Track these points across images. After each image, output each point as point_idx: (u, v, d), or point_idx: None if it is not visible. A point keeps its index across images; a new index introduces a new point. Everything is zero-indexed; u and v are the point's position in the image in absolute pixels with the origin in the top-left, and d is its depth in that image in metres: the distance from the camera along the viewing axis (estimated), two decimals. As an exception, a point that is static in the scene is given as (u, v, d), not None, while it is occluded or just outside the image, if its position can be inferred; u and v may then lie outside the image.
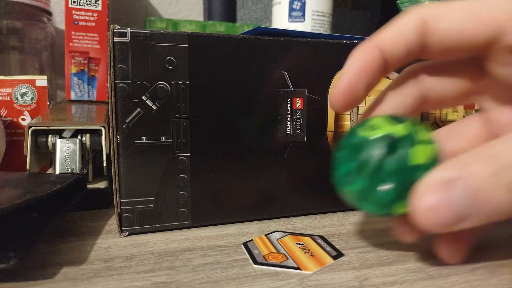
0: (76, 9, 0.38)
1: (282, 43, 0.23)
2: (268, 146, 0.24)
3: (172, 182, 0.22)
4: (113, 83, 0.21)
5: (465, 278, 0.18)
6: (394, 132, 0.17)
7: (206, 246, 0.21)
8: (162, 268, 0.18)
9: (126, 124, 0.21)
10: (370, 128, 0.17)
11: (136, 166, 0.22)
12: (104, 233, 0.22)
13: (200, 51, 0.22)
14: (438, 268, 0.19)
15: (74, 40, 0.38)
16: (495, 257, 0.20)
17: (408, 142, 0.16)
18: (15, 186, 0.20)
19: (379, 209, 0.17)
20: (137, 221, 0.22)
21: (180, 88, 0.22)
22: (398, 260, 0.19)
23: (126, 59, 0.21)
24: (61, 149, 0.26)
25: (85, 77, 0.39)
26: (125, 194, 0.22)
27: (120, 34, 0.20)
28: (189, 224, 0.23)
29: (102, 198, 0.26)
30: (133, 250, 0.20)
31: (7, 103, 0.31)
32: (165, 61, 0.21)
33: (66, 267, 0.18)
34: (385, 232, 0.23)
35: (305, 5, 0.41)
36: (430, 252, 0.20)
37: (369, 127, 0.17)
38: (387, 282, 0.17)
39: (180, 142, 0.22)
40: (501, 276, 0.18)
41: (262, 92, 0.23)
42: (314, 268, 0.18)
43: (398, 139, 0.16)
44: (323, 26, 0.42)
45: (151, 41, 0.21)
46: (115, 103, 0.21)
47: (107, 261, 0.19)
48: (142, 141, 0.21)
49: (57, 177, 0.23)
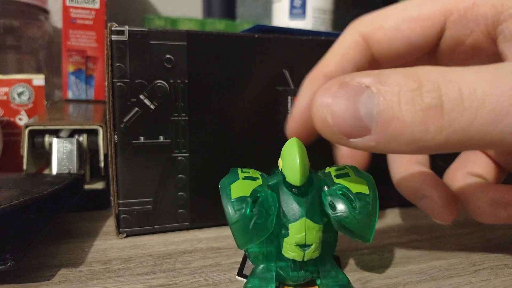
0: (73, 7, 0.38)
1: (282, 41, 0.23)
2: (268, 146, 0.23)
3: (170, 182, 0.22)
4: (111, 82, 0.20)
5: (468, 280, 0.18)
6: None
7: (205, 248, 0.21)
8: (160, 270, 0.18)
9: (124, 123, 0.21)
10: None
11: (134, 167, 0.21)
12: (101, 234, 0.22)
13: (199, 49, 0.21)
14: (440, 270, 0.18)
15: (72, 39, 0.38)
16: (498, 259, 0.20)
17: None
18: (11, 187, 0.20)
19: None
20: (135, 222, 0.22)
21: (179, 87, 0.21)
22: (400, 262, 0.19)
23: (124, 58, 0.20)
24: (58, 149, 0.25)
25: (83, 76, 0.39)
26: (123, 195, 0.21)
27: (118, 32, 0.20)
28: (188, 225, 0.23)
29: (100, 199, 0.26)
30: (131, 252, 0.20)
31: (4, 102, 0.31)
32: (164, 60, 0.21)
33: (64, 269, 0.18)
34: (387, 234, 0.23)
35: (306, 3, 0.40)
36: (433, 253, 0.20)
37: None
38: (390, 284, 0.17)
39: (179, 142, 0.22)
40: (504, 278, 0.18)
41: (262, 91, 0.23)
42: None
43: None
44: (324, 24, 0.42)
45: (150, 39, 0.20)
46: (113, 102, 0.20)
47: (105, 263, 0.19)
48: (140, 141, 0.21)
49: (54, 178, 0.23)
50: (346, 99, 0.13)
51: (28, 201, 0.18)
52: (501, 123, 0.12)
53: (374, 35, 0.18)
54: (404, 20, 0.17)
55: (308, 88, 0.18)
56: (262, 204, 0.15)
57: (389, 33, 0.17)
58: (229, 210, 0.15)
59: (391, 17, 0.17)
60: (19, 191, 0.19)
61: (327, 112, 0.13)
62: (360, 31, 0.18)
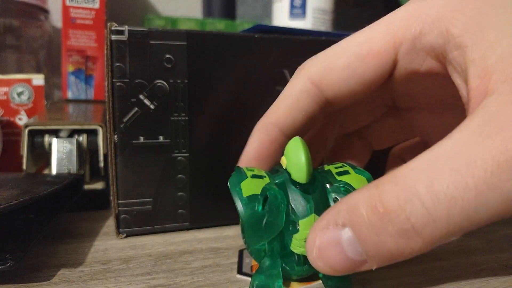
0: (73, 7, 0.38)
1: (282, 41, 0.23)
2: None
3: (170, 182, 0.22)
4: (111, 82, 0.20)
5: (468, 281, 0.17)
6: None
7: (205, 248, 0.21)
8: (160, 270, 0.18)
9: (123, 123, 0.21)
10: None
11: (133, 167, 0.21)
12: (101, 234, 0.22)
13: (199, 49, 0.21)
14: (441, 271, 0.18)
15: (72, 39, 0.38)
16: (498, 259, 0.20)
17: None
18: (11, 187, 0.20)
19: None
20: (135, 222, 0.22)
21: (179, 87, 0.21)
22: (401, 263, 0.19)
23: (123, 58, 0.20)
24: (58, 149, 0.25)
25: (82, 76, 0.39)
26: (123, 195, 0.21)
27: (118, 32, 0.20)
28: (187, 225, 0.23)
29: (100, 199, 0.26)
30: (130, 252, 0.20)
31: (4, 102, 0.31)
32: (164, 60, 0.21)
33: (63, 269, 0.18)
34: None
35: (306, 3, 0.40)
36: (433, 254, 0.20)
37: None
38: (390, 285, 0.17)
39: (179, 142, 0.22)
40: (505, 278, 0.18)
41: (262, 91, 0.23)
42: (298, 285, 0.17)
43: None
44: (324, 24, 0.42)
45: (149, 39, 0.20)
46: (113, 102, 0.20)
47: (104, 263, 0.19)
48: (139, 141, 0.21)
49: (54, 178, 0.23)
50: (331, 247, 0.14)
51: (28, 201, 0.18)
52: (476, 216, 0.12)
53: (325, 78, 0.17)
54: (356, 57, 0.16)
55: (256, 137, 0.19)
56: (272, 202, 0.15)
57: (341, 74, 0.17)
58: (242, 209, 0.15)
59: (342, 57, 0.17)
60: (19, 191, 0.19)
61: (323, 266, 0.14)
62: (309, 77, 0.17)
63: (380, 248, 0.13)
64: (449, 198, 0.12)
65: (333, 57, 0.17)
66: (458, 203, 0.12)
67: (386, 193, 0.13)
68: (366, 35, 0.16)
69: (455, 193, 0.12)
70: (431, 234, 0.12)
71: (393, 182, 0.13)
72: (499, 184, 0.11)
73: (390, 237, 0.13)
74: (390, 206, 0.13)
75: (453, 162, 0.12)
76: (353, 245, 0.13)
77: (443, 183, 0.12)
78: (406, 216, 0.12)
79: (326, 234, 0.14)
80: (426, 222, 0.12)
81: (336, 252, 0.14)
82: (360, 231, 0.13)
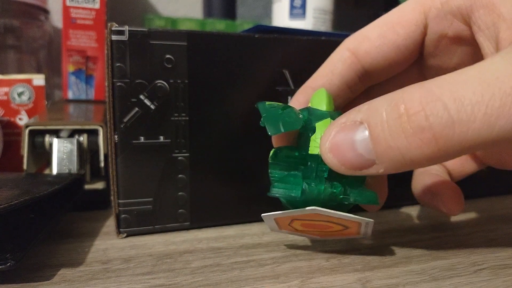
0: (73, 7, 0.38)
1: (282, 41, 0.23)
2: (268, 146, 0.23)
3: (171, 182, 0.22)
4: (111, 82, 0.20)
5: (468, 280, 0.17)
6: None
7: (205, 248, 0.21)
8: (160, 270, 0.18)
9: (124, 123, 0.21)
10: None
11: (134, 167, 0.21)
12: (101, 234, 0.22)
13: (199, 49, 0.21)
14: (441, 270, 0.18)
15: (72, 39, 0.38)
16: (499, 258, 0.20)
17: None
18: (12, 187, 0.20)
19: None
20: (135, 222, 0.22)
21: (179, 87, 0.21)
22: (401, 262, 0.19)
23: (124, 58, 0.20)
24: (59, 149, 0.25)
25: (83, 76, 0.39)
26: (123, 195, 0.21)
27: (118, 32, 0.20)
28: (188, 225, 0.23)
29: (100, 199, 0.26)
30: (131, 252, 0.20)
31: (4, 102, 0.31)
32: (164, 60, 0.21)
33: (64, 269, 0.18)
34: (387, 234, 0.23)
35: (306, 3, 0.40)
36: (433, 253, 0.20)
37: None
38: (390, 284, 0.17)
39: (179, 142, 0.22)
40: (505, 278, 0.18)
41: (262, 91, 0.23)
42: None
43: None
44: (324, 24, 0.42)
45: (150, 39, 0.20)
46: (113, 103, 0.20)
47: (104, 263, 0.19)
48: (140, 141, 0.21)
49: (54, 178, 0.23)
50: (344, 140, 0.14)
51: (28, 201, 0.18)
52: (495, 126, 0.12)
53: (361, 46, 0.19)
54: (387, 26, 0.18)
55: (295, 99, 0.20)
56: (292, 109, 0.17)
57: (376, 42, 0.18)
58: (263, 107, 0.17)
59: (375, 28, 0.19)
60: (19, 191, 0.19)
61: (332, 158, 0.15)
62: (347, 46, 0.19)
63: (390, 149, 0.13)
64: (474, 103, 0.12)
65: (368, 28, 0.19)
66: (481, 110, 0.12)
67: (410, 94, 0.13)
68: (398, 7, 0.18)
69: (480, 100, 0.12)
70: (446, 138, 0.12)
71: (419, 86, 0.13)
72: None
73: (404, 137, 0.13)
74: (412, 106, 0.13)
75: (481, 75, 0.12)
76: (365, 142, 0.14)
77: (469, 90, 0.12)
78: (426, 115, 0.12)
79: (342, 129, 0.14)
80: (445, 124, 0.12)
81: (348, 147, 0.14)
82: (375, 129, 0.13)
